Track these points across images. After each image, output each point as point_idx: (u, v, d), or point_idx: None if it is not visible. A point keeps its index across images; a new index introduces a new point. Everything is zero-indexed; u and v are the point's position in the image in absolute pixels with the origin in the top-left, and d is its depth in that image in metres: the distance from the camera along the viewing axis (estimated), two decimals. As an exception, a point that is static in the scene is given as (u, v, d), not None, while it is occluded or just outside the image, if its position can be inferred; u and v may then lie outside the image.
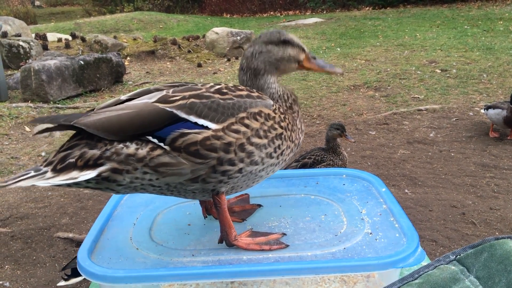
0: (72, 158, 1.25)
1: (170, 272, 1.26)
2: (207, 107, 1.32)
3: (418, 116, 7.00)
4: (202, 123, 1.30)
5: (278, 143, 1.42)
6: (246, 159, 1.34)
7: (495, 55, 10.13)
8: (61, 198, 5.04)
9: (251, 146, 1.34)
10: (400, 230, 1.43)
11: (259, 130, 1.36)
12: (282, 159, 1.48)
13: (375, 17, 17.56)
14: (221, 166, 1.31)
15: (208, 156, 1.28)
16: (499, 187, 4.76)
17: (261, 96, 1.45)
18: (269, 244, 1.40)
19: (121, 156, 1.25)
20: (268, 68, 1.53)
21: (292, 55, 1.54)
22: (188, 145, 1.27)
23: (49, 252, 4.06)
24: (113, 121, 1.26)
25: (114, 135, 1.26)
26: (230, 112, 1.33)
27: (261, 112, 1.38)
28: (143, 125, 1.27)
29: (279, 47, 1.53)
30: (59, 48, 11.83)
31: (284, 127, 1.44)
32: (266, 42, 1.53)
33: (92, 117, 1.28)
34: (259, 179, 1.48)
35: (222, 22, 19.17)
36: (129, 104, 1.33)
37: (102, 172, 1.25)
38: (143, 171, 1.27)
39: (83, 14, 26.07)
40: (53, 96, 8.48)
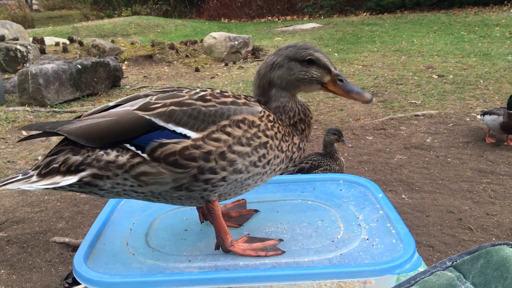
0: (56, 163, 1.29)
1: (167, 277, 1.26)
2: (187, 114, 1.30)
3: (415, 122, 7.02)
4: (180, 131, 1.28)
5: (263, 152, 1.37)
6: (229, 168, 1.31)
7: (491, 61, 10.18)
8: (58, 203, 5.02)
9: (232, 154, 1.31)
10: (396, 236, 1.43)
11: (242, 138, 1.32)
12: (270, 169, 1.43)
13: (373, 22, 17.62)
14: (202, 175, 1.29)
15: (187, 165, 1.27)
16: (496, 192, 4.77)
17: (248, 102, 1.39)
18: (265, 250, 1.40)
19: (101, 163, 1.28)
20: (284, 85, 1.45)
21: (315, 76, 1.44)
22: (167, 155, 1.26)
23: (45, 256, 4.04)
24: (92, 129, 1.29)
25: (93, 142, 1.29)
26: (211, 119, 1.31)
27: (244, 119, 1.34)
28: (122, 132, 1.29)
29: (303, 66, 1.43)
30: (57, 52, 11.83)
31: (270, 135, 1.38)
32: (290, 58, 1.43)
33: (75, 124, 1.31)
34: (248, 188, 1.45)
35: (220, 27, 19.20)
36: (111, 111, 1.34)
37: (83, 177, 1.28)
38: (123, 178, 1.28)
39: (81, 18, 26.09)
40: (50, 100, 8.46)
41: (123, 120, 1.29)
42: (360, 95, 1.41)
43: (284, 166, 1.47)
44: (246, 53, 12.63)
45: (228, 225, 1.54)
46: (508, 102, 5.66)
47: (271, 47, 13.60)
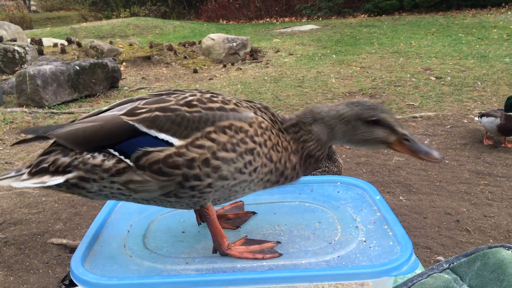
0: (46, 163, 1.31)
1: (164, 280, 1.26)
2: (170, 121, 1.29)
3: (413, 123, 7.03)
4: (163, 137, 1.27)
5: (249, 159, 1.34)
6: (213, 174, 1.30)
7: (489, 63, 10.20)
8: (55, 204, 5.02)
9: (217, 161, 1.29)
10: (394, 238, 1.43)
11: (227, 144, 1.30)
12: (258, 177, 1.39)
13: (371, 24, 17.66)
14: (187, 182, 1.29)
15: (172, 173, 1.27)
16: (493, 194, 4.78)
17: (237, 109, 1.36)
18: (262, 252, 1.39)
19: (88, 166, 1.29)
20: (345, 140, 1.45)
21: (380, 137, 1.41)
22: (151, 163, 1.26)
23: (43, 258, 4.04)
24: (79, 133, 1.30)
25: (80, 147, 1.30)
26: (195, 126, 1.29)
27: (231, 125, 1.32)
28: (106, 137, 1.29)
29: (368, 127, 1.41)
30: (55, 53, 11.82)
31: (258, 142, 1.35)
32: (356, 116, 1.41)
33: (64, 128, 1.33)
34: (236, 195, 1.43)
35: (218, 28, 19.22)
36: (99, 116, 1.35)
37: (69, 179, 1.29)
38: (110, 181, 1.29)
39: (79, 19, 26.08)
40: (48, 101, 8.46)
41: (108, 125, 1.30)
42: (429, 155, 1.37)
43: (274, 178, 1.44)
44: (244, 55, 12.64)
45: (225, 227, 1.54)
46: (505, 104, 5.67)
47: (269, 49, 13.61)
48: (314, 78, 10.07)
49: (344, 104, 1.46)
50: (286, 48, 13.74)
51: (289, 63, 11.79)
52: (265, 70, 11.28)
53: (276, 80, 10.10)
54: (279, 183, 1.47)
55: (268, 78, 10.35)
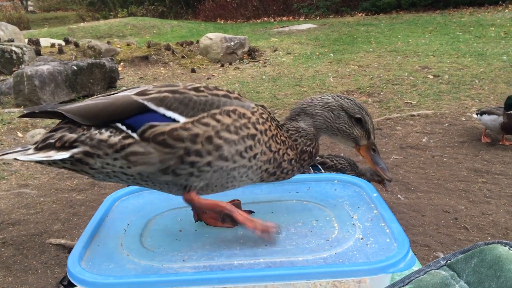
0: (53, 139, 1.35)
1: (161, 278, 1.26)
2: (178, 101, 1.35)
3: (410, 122, 7.03)
4: (170, 115, 1.33)
5: (250, 143, 1.39)
6: (215, 152, 1.34)
7: (487, 61, 10.21)
8: (53, 204, 5.01)
9: (219, 140, 1.34)
10: (391, 235, 1.43)
11: (230, 126, 1.36)
12: (256, 165, 1.44)
13: (368, 23, 17.66)
14: (188, 157, 1.32)
15: (174, 145, 1.31)
16: (491, 192, 4.79)
17: (240, 97, 1.44)
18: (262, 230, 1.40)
19: (94, 141, 1.32)
20: (323, 126, 1.54)
21: (355, 135, 1.53)
22: (156, 135, 1.31)
23: (41, 258, 4.03)
24: (90, 108, 1.36)
25: (89, 121, 1.34)
26: (201, 107, 1.36)
27: (235, 110, 1.39)
28: (116, 113, 1.34)
29: (350, 121, 1.51)
30: (52, 54, 11.80)
31: (260, 130, 1.42)
32: (343, 108, 1.51)
33: (74, 104, 1.39)
34: (233, 181, 1.46)
35: (216, 28, 19.20)
36: (110, 95, 1.42)
37: (74, 153, 1.32)
38: (113, 157, 1.32)
39: (77, 20, 26.04)
40: (46, 101, 8.44)
41: (118, 102, 1.35)
42: (383, 171, 1.53)
43: (271, 169, 1.49)
44: (242, 54, 12.64)
45: (222, 225, 1.56)
46: (505, 102, 5.63)
47: (267, 48, 13.61)
48: (312, 77, 10.07)
49: (329, 94, 1.56)
50: (284, 47, 13.74)
51: (287, 62, 11.79)
52: (263, 69, 11.27)
53: (274, 79, 10.10)
54: (275, 176, 1.52)
55: (266, 77, 10.35)
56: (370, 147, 1.54)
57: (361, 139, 1.53)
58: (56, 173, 5.83)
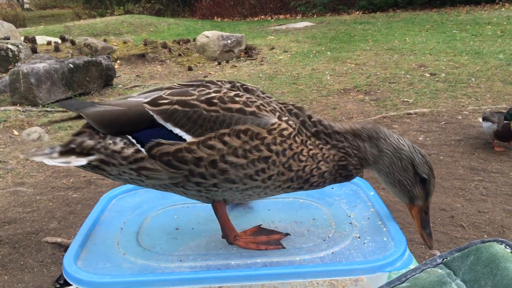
0: (74, 144, 1.38)
1: (158, 277, 1.25)
2: (187, 116, 1.30)
3: (407, 120, 7.04)
4: (177, 132, 1.30)
5: (262, 167, 1.31)
6: (219, 176, 1.30)
7: (483, 59, 10.23)
8: (50, 203, 5.00)
9: (224, 164, 1.28)
10: (388, 234, 1.43)
11: (238, 149, 1.28)
12: (274, 184, 1.36)
13: (365, 21, 17.67)
14: (193, 178, 1.31)
15: (179, 167, 1.29)
16: (488, 190, 4.80)
17: (257, 113, 1.32)
18: (267, 244, 1.41)
19: (108, 151, 1.34)
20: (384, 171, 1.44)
21: (414, 193, 1.42)
22: (162, 154, 1.29)
23: (37, 257, 4.02)
24: (105, 115, 1.36)
25: (103, 128, 1.36)
26: (210, 126, 1.29)
27: (247, 130, 1.29)
28: (127, 123, 1.34)
29: (414, 177, 1.41)
30: (49, 51, 11.75)
31: (276, 151, 1.31)
32: (413, 162, 1.40)
33: (95, 108, 1.38)
34: (250, 197, 1.43)
35: (213, 26, 19.17)
36: (126, 101, 1.40)
37: (91, 161, 1.35)
38: (128, 168, 1.33)
39: (73, 17, 25.96)
40: (42, 99, 8.41)
41: (131, 112, 1.34)
42: (428, 239, 1.43)
43: (296, 185, 1.41)
44: (239, 52, 12.62)
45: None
46: (508, 112, 5.50)
47: (264, 46, 13.60)
48: (309, 75, 10.07)
49: (405, 140, 1.45)
50: (281, 45, 13.73)
51: (283, 60, 11.78)
52: (260, 67, 11.26)
53: (271, 77, 10.09)
54: (303, 189, 1.45)
55: (263, 75, 10.34)
56: (423, 210, 1.44)
57: (418, 199, 1.43)
58: (52, 171, 5.81)
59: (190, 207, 1.70)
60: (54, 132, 7.17)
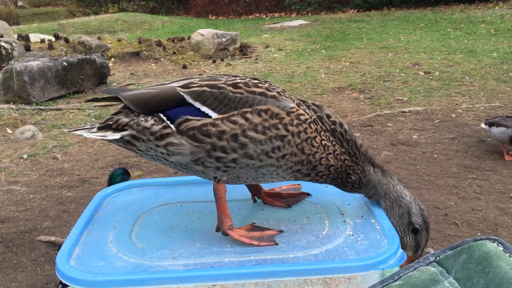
0: (111, 121, 1.53)
1: (151, 275, 1.25)
2: (214, 96, 1.43)
3: (401, 118, 7.06)
4: (204, 110, 1.42)
5: (278, 144, 1.41)
6: (239, 150, 1.39)
7: (477, 58, 10.27)
8: (43, 201, 4.98)
9: (245, 138, 1.38)
10: (381, 232, 1.43)
11: (258, 125, 1.39)
12: (286, 165, 1.44)
13: (360, 19, 17.69)
14: (214, 152, 1.40)
15: (203, 140, 1.39)
16: (481, 188, 4.82)
17: (278, 97, 1.45)
18: (260, 240, 1.42)
19: (140, 127, 1.47)
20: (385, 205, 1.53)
21: (405, 241, 1.50)
22: (189, 129, 1.40)
23: (31, 256, 4.01)
24: (140, 97, 1.50)
25: (138, 108, 1.48)
26: (234, 105, 1.41)
27: (268, 110, 1.41)
28: (160, 103, 1.47)
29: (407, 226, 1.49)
30: (42, 49, 11.69)
31: (292, 131, 1.41)
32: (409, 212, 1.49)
33: (131, 91, 1.53)
34: (264, 177, 1.49)
35: (208, 24, 19.13)
36: (161, 86, 1.54)
37: (124, 136, 1.49)
38: (155, 144, 1.46)
39: (67, 15, 25.81)
40: (36, 97, 8.37)
41: (164, 93, 1.48)
42: None
43: (305, 170, 1.48)
44: (233, 50, 12.61)
45: (277, 205, 1.66)
46: None
47: (259, 44, 13.59)
48: (303, 73, 10.07)
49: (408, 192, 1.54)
50: (276, 43, 13.72)
51: (278, 59, 11.78)
52: (255, 65, 11.26)
53: (265, 75, 10.09)
54: (310, 177, 1.53)
55: (257, 73, 10.33)
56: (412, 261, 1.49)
57: (408, 249, 1.50)
58: (46, 170, 5.78)
59: (184, 206, 1.70)
60: (48, 131, 7.13)
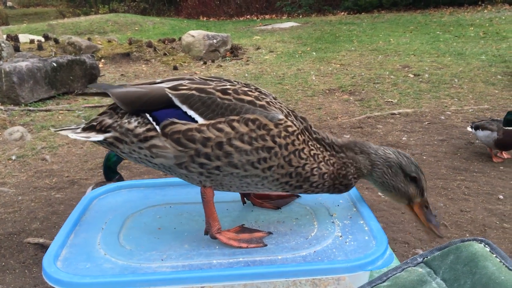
0: (95, 122, 1.51)
1: (139, 277, 1.24)
2: (202, 101, 1.41)
3: (391, 120, 7.09)
4: (190, 114, 1.40)
5: (264, 156, 1.38)
6: (224, 159, 1.37)
7: (466, 60, 10.36)
8: (32, 203, 4.93)
9: (230, 147, 1.36)
10: (369, 233, 1.44)
11: (244, 135, 1.37)
12: (272, 176, 1.43)
13: (350, 22, 17.77)
14: (198, 158, 1.38)
15: (187, 145, 1.37)
16: (470, 189, 4.86)
17: (267, 106, 1.42)
18: (248, 242, 1.42)
19: (123, 129, 1.45)
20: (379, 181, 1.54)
21: (409, 192, 1.52)
22: (173, 132, 1.39)
23: (19, 258, 3.96)
24: (128, 94, 1.47)
25: (125, 106, 1.47)
26: (221, 112, 1.39)
27: (256, 120, 1.38)
28: (147, 103, 1.45)
29: (405, 179, 1.51)
30: (32, 50, 11.60)
31: (279, 143, 1.39)
32: (401, 166, 1.51)
33: (120, 88, 1.51)
34: (248, 186, 1.48)
35: (199, 25, 19.10)
36: (149, 85, 1.52)
37: (107, 138, 1.47)
38: (138, 146, 1.44)
39: (57, 16, 25.64)
40: (25, 98, 8.30)
41: (152, 93, 1.46)
42: (436, 228, 1.51)
43: (295, 183, 1.47)
44: (224, 52, 12.60)
45: (266, 207, 1.66)
46: (505, 118, 5.31)
47: (250, 46, 13.59)
48: (294, 75, 10.09)
49: (390, 149, 1.56)
50: (267, 45, 13.74)
51: (269, 60, 11.79)
52: (246, 67, 11.26)
53: (256, 77, 10.09)
54: (303, 189, 1.51)
55: (248, 75, 10.33)
56: (423, 205, 1.54)
57: (415, 197, 1.53)
58: (34, 172, 5.73)
59: (173, 207, 1.69)
60: (37, 132, 7.08)
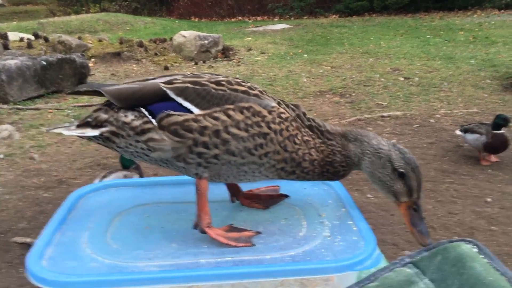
0: (90, 118, 1.54)
1: (125, 277, 1.23)
2: (196, 93, 1.44)
3: (381, 123, 7.12)
4: (186, 105, 1.43)
5: (260, 142, 1.41)
6: (221, 146, 1.40)
7: (455, 64, 10.43)
8: (19, 202, 4.88)
9: (227, 135, 1.39)
10: (358, 233, 1.44)
11: (240, 123, 1.40)
12: (269, 163, 1.45)
13: (341, 24, 17.82)
14: (196, 147, 1.40)
15: (185, 135, 1.40)
16: (458, 192, 4.89)
17: (260, 95, 1.47)
18: (237, 240, 1.42)
19: (119, 123, 1.48)
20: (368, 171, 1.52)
21: (395, 189, 1.46)
22: (170, 124, 1.41)
23: (5, 257, 3.92)
24: (122, 91, 1.50)
25: (119, 102, 1.49)
26: (216, 102, 1.42)
27: (250, 107, 1.42)
28: (142, 98, 1.47)
29: (393, 173, 1.45)
30: (21, 48, 11.49)
31: (274, 129, 1.43)
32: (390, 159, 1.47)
33: (113, 86, 1.54)
34: (245, 175, 1.49)
35: (190, 26, 19.05)
36: (144, 82, 1.55)
37: (103, 132, 1.49)
38: (135, 140, 1.45)
39: (47, 14, 25.44)
40: (13, 96, 8.22)
41: (146, 88, 1.49)
42: (421, 236, 1.41)
43: (289, 168, 1.48)
44: (216, 53, 12.57)
45: (255, 206, 1.66)
46: (494, 121, 5.26)
47: (241, 47, 13.58)
48: (285, 77, 10.10)
49: (387, 141, 1.53)
50: (258, 46, 13.74)
51: (260, 62, 11.79)
52: (237, 68, 11.25)
53: (247, 78, 10.09)
54: (295, 175, 1.52)
55: (239, 76, 10.33)
56: (410, 206, 1.46)
57: (401, 195, 1.46)
58: (22, 170, 5.68)
59: (161, 206, 1.68)
60: (25, 130, 7.01)
